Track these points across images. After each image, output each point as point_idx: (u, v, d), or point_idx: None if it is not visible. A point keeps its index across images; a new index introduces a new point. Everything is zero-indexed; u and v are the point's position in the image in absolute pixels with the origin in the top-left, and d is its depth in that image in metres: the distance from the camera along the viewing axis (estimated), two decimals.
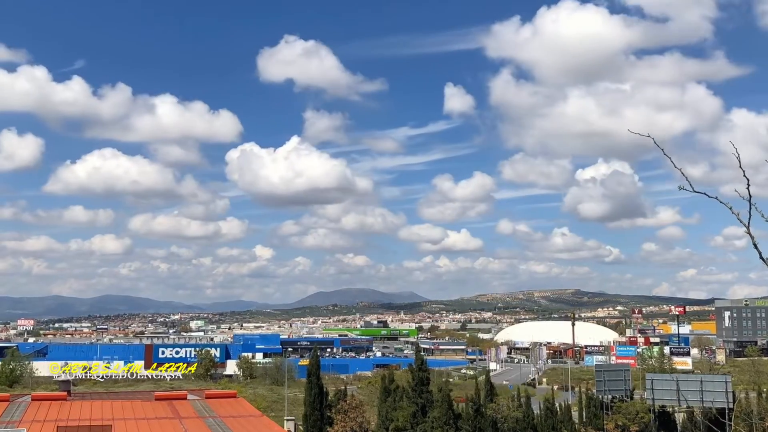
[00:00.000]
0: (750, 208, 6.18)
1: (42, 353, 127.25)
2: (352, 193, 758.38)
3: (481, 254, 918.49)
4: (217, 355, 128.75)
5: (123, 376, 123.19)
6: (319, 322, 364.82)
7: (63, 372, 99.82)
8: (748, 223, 6.21)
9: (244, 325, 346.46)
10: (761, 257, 6.26)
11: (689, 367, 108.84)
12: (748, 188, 6.21)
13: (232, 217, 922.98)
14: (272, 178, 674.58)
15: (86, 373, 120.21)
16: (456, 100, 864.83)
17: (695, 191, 6.60)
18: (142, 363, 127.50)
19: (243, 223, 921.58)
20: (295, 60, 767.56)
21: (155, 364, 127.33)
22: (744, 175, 6.37)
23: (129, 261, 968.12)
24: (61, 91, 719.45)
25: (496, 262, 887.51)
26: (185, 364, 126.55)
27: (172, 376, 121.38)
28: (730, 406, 46.54)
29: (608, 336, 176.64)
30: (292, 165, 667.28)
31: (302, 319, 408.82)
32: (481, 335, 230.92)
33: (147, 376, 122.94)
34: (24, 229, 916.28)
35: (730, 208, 6.26)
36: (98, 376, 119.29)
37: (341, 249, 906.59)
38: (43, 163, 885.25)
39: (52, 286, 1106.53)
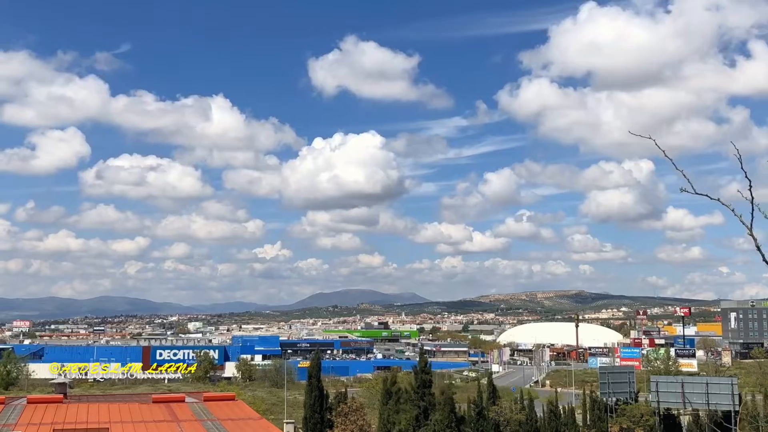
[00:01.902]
0: (752, 210, 6.13)
1: (38, 355, 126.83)
2: (383, 194, 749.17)
3: (486, 255, 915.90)
4: (216, 357, 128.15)
5: (123, 376, 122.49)
6: (319, 323, 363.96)
7: (60, 374, 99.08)
8: (751, 225, 6.17)
9: (243, 326, 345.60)
10: (764, 259, 6.22)
11: (695, 369, 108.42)
12: (750, 190, 6.18)
13: (256, 219, 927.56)
14: (307, 179, 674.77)
15: (84, 374, 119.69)
16: (503, 94, 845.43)
17: (697, 193, 6.63)
18: (139, 365, 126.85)
19: (263, 225, 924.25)
20: (339, 60, 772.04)
21: (155, 365, 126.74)
22: (746, 176, 6.36)
23: (133, 262, 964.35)
24: (108, 97, 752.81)
25: (500, 263, 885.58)
26: (184, 365, 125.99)
27: (170, 377, 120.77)
28: (736, 408, 46.03)
29: (612, 337, 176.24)
30: (327, 165, 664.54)
31: (302, 320, 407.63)
32: (483, 337, 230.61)
33: (147, 377, 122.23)
34: (45, 228, 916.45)
35: (732, 210, 6.23)
36: (97, 378, 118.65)
37: (356, 250, 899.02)
38: (81, 164, 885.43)
39: (53, 287, 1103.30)
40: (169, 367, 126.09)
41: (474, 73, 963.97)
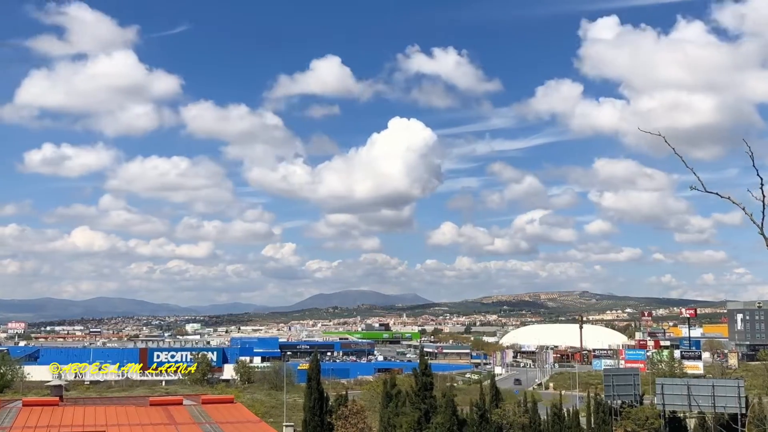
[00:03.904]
0: (764, 209, 6.09)
1: (33, 357, 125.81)
2: (409, 195, 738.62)
3: (499, 256, 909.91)
4: (214, 359, 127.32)
5: (121, 377, 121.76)
6: (319, 324, 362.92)
7: (56, 376, 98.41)
8: (761, 224, 6.12)
9: (241, 328, 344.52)
10: None
11: (700, 371, 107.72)
12: (761, 188, 6.11)
13: (274, 219, 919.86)
14: (333, 180, 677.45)
15: (82, 375, 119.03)
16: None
17: (707, 191, 6.61)
18: (137, 366, 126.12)
19: (281, 226, 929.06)
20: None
21: (154, 365, 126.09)
22: (757, 174, 6.24)
23: (138, 263, 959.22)
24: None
25: (506, 263, 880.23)
26: (184, 365, 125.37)
27: (168, 379, 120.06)
28: (743, 411, 45.63)
29: (617, 339, 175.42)
30: (354, 168, 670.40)
31: (301, 321, 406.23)
32: (486, 338, 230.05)
33: (144, 379, 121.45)
34: (53, 228, 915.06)
35: (743, 209, 6.14)
36: (93, 380, 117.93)
37: (373, 250, 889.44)
38: (107, 164, 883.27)
39: (51, 287, 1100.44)
40: (169, 367, 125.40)
41: (526, 61, 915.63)
